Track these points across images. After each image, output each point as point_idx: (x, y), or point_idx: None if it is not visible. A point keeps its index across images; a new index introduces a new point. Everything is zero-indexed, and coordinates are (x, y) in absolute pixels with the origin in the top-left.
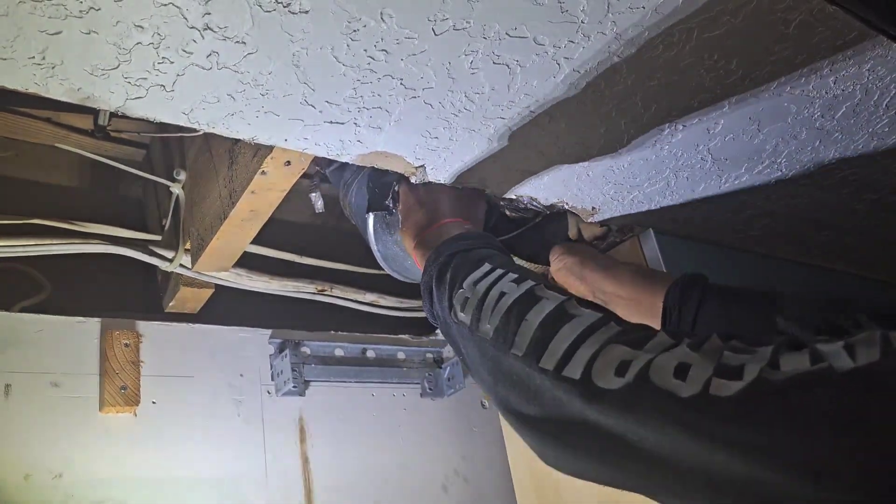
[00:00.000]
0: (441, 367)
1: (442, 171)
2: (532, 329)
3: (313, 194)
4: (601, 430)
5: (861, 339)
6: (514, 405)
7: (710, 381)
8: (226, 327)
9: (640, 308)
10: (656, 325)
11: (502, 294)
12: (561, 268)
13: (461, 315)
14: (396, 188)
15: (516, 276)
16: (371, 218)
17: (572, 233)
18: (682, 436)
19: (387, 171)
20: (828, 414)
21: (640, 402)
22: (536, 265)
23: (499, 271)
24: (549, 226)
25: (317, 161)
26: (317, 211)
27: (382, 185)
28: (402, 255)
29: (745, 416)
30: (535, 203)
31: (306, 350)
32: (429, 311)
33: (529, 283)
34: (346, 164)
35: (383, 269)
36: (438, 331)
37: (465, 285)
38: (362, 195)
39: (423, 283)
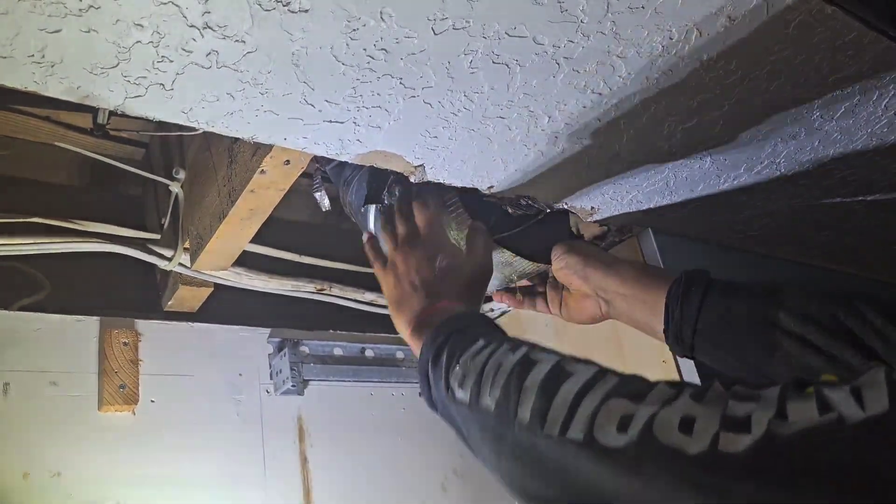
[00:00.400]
0: None
1: (441, 171)
2: (532, 396)
3: (318, 193)
4: (608, 494)
5: (867, 382)
6: (519, 479)
7: (717, 436)
8: (225, 326)
9: (643, 305)
10: (659, 321)
11: (499, 365)
12: (563, 266)
13: (459, 393)
14: (392, 181)
15: (510, 344)
16: (371, 213)
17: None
18: (693, 495)
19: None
20: (839, 470)
21: (646, 461)
22: (537, 264)
23: (493, 345)
24: (550, 224)
25: (317, 159)
26: (324, 209)
27: (380, 178)
28: None
29: (757, 474)
30: (534, 202)
31: (305, 349)
32: (427, 397)
33: (524, 349)
34: (346, 162)
35: None
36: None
37: (461, 362)
38: (362, 193)
39: (419, 367)
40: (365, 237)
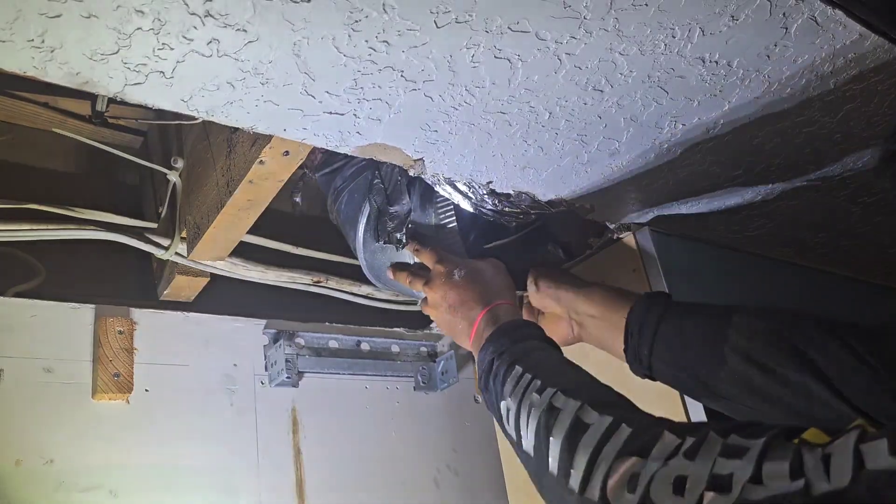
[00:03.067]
0: (435, 361)
1: (440, 165)
2: (557, 451)
3: (296, 198)
4: None
5: (838, 448)
6: None
7: (702, 497)
8: (220, 317)
9: (609, 325)
10: (621, 339)
11: (531, 409)
12: (537, 290)
13: (508, 429)
14: (410, 224)
15: (539, 382)
16: (361, 226)
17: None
18: None
19: (396, 200)
20: None
21: None
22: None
23: (526, 377)
24: (526, 251)
25: (306, 166)
26: (295, 210)
27: (394, 216)
28: (386, 266)
29: None
30: (534, 200)
31: (300, 341)
32: (487, 404)
33: (549, 393)
34: (338, 170)
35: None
36: (433, 325)
37: (505, 395)
38: (352, 205)
39: (478, 378)
40: (390, 273)
